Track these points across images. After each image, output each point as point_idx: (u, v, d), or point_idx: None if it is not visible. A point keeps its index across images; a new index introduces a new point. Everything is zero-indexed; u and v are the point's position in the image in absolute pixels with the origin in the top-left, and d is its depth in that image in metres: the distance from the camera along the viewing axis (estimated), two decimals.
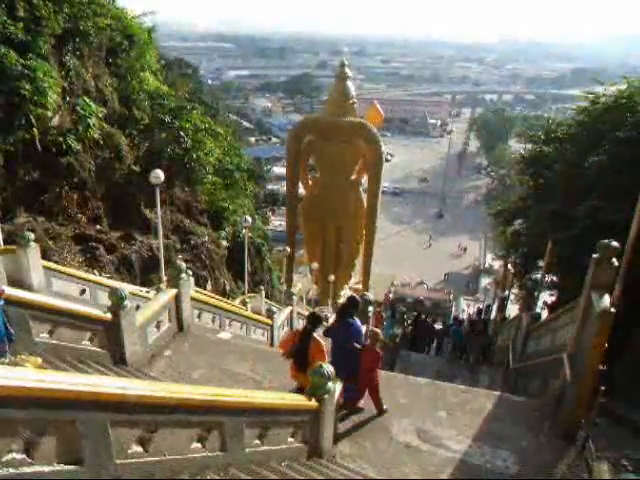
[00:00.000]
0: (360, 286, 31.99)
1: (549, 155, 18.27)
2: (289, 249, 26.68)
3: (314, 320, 6.77)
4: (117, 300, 7.25)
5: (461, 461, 6.15)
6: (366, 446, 6.37)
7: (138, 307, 8.62)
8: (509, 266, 24.34)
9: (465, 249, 65.92)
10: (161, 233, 12.48)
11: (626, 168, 12.56)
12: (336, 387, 5.66)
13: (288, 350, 6.61)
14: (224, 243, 21.66)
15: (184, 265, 9.60)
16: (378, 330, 7.64)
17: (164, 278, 11.57)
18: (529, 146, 22.80)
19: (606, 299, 5.97)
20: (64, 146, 13.07)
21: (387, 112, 60.37)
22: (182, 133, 18.69)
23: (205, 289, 16.72)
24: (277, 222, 50.61)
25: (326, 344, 6.62)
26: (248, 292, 19.44)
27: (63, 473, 3.17)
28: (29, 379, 2.90)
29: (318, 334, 6.65)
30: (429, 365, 15.51)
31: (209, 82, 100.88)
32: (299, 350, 6.44)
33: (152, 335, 8.35)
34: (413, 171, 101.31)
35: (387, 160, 53.46)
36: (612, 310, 5.73)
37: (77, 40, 14.42)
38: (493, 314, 25.87)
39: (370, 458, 6.14)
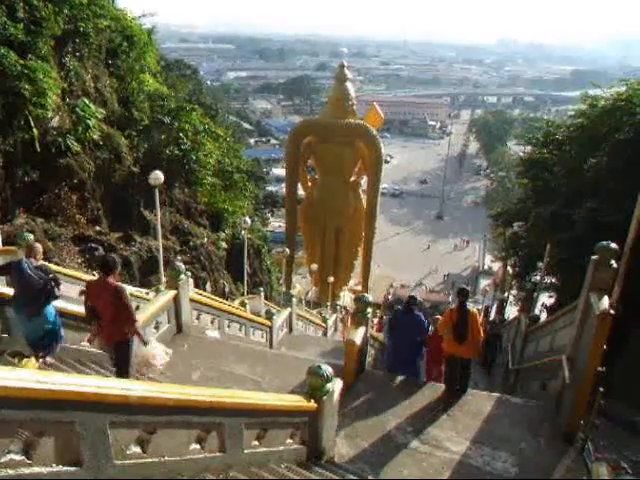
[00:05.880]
0: (359, 287, 32.02)
1: (548, 158, 18.32)
2: (288, 250, 26.69)
3: (466, 294, 7.58)
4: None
5: (460, 462, 6.15)
6: (365, 447, 6.37)
7: (137, 308, 8.61)
8: (508, 268, 24.36)
9: (468, 242, 67.49)
10: (160, 234, 12.48)
11: (625, 170, 12.58)
12: (335, 388, 5.65)
13: (447, 327, 7.46)
14: (223, 244, 21.65)
15: (183, 266, 9.58)
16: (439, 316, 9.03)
17: (163, 279, 11.56)
18: (528, 148, 22.86)
19: (605, 301, 5.97)
20: (63, 147, 13.06)
21: (387, 114, 60.38)
22: (181, 134, 18.71)
23: (204, 290, 16.72)
24: (276, 223, 50.60)
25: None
26: (247, 293, 19.45)
27: (62, 474, 3.16)
28: (30, 380, 2.89)
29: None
30: None
31: (208, 83, 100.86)
32: (458, 323, 7.27)
33: (151, 336, 8.34)
34: (412, 172, 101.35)
35: (386, 161, 53.56)
36: (611, 312, 5.74)
37: (77, 41, 14.44)
38: (492, 316, 25.87)
39: (369, 460, 6.14)
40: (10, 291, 6.55)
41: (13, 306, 6.30)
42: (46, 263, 6.95)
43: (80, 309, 7.47)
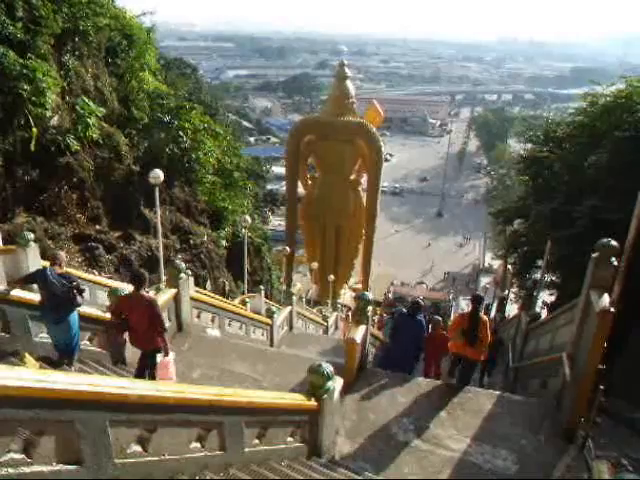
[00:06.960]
0: (360, 286, 32.02)
1: (549, 155, 18.28)
2: (288, 249, 26.69)
3: (480, 300, 8.13)
4: (116, 300, 7.24)
5: (461, 460, 6.15)
6: (366, 445, 6.37)
7: None
8: (509, 265, 24.34)
9: (469, 238, 68.34)
10: (160, 233, 12.47)
11: (625, 168, 12.56)
12: (336, 386, 5.65)
13: (458, 330, 7.88)
14: (223, 243, 21.64)
15: (183, 265, 9.59)
16: (439, 318, 9.91)
17: (163, 278, 11.57)
18: (528, 146, 22.82)
19: (605, 298, 5.96)
20: (63, 146, 13.04)
21: (386, 112, 60.21)
22: (181, 133, 18.66)
23: (205, 289, 16.71)
24: (277, 222, 50.60)
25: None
26: (248, 292, 19.44)
27: (62, 473, 3.17)
28: (30, 379, 2.89)
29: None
30: None
31: (208, 82, 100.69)
32: (470, 329, 7.72)
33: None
34: (413, 170, 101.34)
35: (387, 159, 53.51)
36: (611, 309, 5.73)
37: (76, 40, 14.39)
38: (492, 313, 25.87)
39: (370, 457, 6.14)
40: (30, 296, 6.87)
41: (40, 311, 6.66)
42: (70, 270, 7.14)
43: (82, 309, 7.49)
